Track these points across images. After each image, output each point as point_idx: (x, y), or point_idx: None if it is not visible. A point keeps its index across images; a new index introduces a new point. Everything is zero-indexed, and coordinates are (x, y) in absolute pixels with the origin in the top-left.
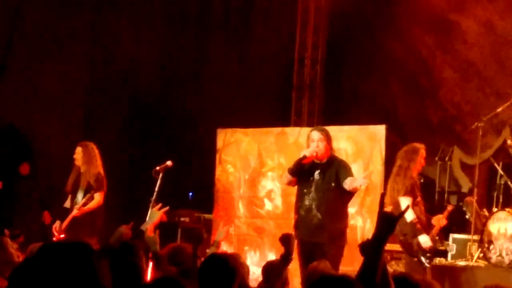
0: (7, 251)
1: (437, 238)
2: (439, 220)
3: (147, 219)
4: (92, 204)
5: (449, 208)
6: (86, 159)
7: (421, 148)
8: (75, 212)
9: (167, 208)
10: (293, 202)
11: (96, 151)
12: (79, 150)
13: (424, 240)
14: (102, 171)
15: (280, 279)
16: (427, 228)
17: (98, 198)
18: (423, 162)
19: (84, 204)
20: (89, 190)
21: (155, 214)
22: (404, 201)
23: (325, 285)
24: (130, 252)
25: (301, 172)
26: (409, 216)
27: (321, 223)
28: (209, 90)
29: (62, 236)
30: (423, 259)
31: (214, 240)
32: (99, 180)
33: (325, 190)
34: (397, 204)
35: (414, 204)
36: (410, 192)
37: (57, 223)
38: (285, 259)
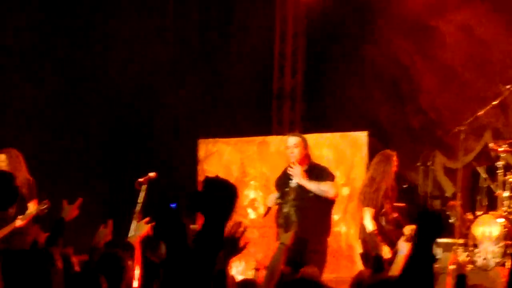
0: None
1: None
2: (411, 230)
3: (134, 231)
4: (29, 215)
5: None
6: (13, 166)
7: (393, 155)
8: (18, 223)
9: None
10: (275, 212)
11: (21, 157)
12: (2, 157)
13: (384, 251)
14: (31, 178)
15: None
16: (392, 238)
17: (33, 207)
18: (395, 168)
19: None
20: (22, 199)
21: (142, 227)
22: (366, 213)
23: None
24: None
25: (284, 183)
26: (369, 227)
27: (304, 230)
28: (190, 100)
29: None
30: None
31: None
32: (31, 187)
33: (304, 197)
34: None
35: (379, 214)
36: (375, 204)
37: None
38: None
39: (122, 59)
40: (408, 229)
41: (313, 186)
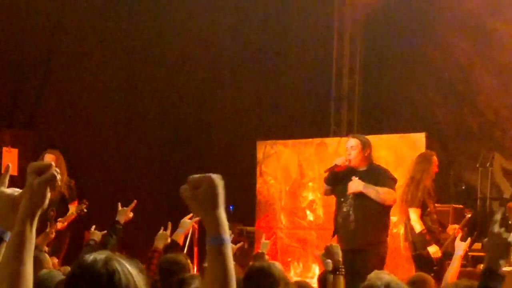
0: None
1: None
2: (454, 230)
3: (179, 228)
4: (70, 217)
5: (467, 216)
6: (58, 167)
7: (433, 155)
8: (59, 225)
9: (198, 218)
10: (333, 211)
11: (63, 158)
12: (52, 157)
13: (433, 250)
14: (72, 180)
15: None
16: (439, 238)
17: (73, 209)
18: (436, 168)
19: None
20: (63, 200)
21: (185, 224)
22: (413, 213)
23: None
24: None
25: (336, 180)
26: (418, 227)
27: (359, 229)
28: (248, 102)
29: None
30: None
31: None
32: (72, 188)
33: (363, 197)
34: (407, 216)
35: (425, 215)
36: (419, 204)
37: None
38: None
39: (182, 59)
40: (452, 229)
41: (372, 192)
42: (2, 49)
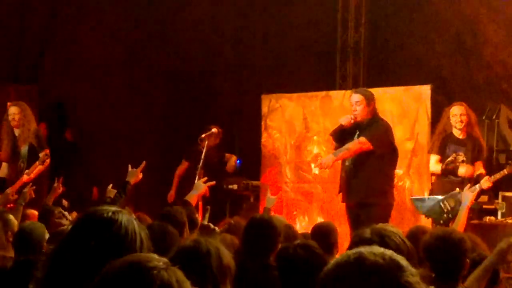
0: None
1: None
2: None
3: (193, 190)
4: (34, 168)
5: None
6: (25, 118)
7: (449, 108)
8: (25, 177)
9: (213, 182)
10: (340, 166)
11: (29, 110)
12: (15, 110)
13: (463, 170)
14: (40, 128)
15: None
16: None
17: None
18: (455, 119)
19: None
20: (33, 151)
21: (200, 186)
22: (432, 158)
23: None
24: (170, 218)
25: (344, 136)
26: (435, 167)
27: (362, 183)
28: (252, 56)
29: None
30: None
31: (264, 207)
32: (40, 137)
33: (363, 151)
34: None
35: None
36: (437, 149)
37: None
38: None
39: (186, 15)
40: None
41: (344, 154)
42: (5, 4)
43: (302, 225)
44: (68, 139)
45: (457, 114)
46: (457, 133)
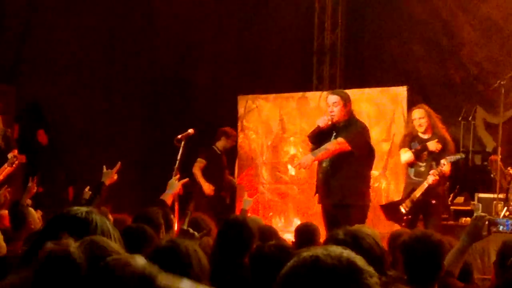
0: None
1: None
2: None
3: (168, 189)
4: (3, 169)
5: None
6: None
7: (411, 111)
8: None
9: (186, 180)
10: (316, 167)
11: None
12: None
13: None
14: (8, 129)
15: None
16: None
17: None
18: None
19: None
20: (1, 152)
21: (174, 185)
22: (401, 151)
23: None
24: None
25: (321, 137)
26: (406, 156)
27: (339, 184)
28: (229, 57)
29: None
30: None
31: (240, 208)
32: (8, 138)
33: (340, 153)
34: None
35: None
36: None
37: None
38: None
39: (163, 15)
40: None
41: (323, 154)
42: None
43: (278, 226)
44: (39, 140)
45: (416, 118)
46: (422, 135)
